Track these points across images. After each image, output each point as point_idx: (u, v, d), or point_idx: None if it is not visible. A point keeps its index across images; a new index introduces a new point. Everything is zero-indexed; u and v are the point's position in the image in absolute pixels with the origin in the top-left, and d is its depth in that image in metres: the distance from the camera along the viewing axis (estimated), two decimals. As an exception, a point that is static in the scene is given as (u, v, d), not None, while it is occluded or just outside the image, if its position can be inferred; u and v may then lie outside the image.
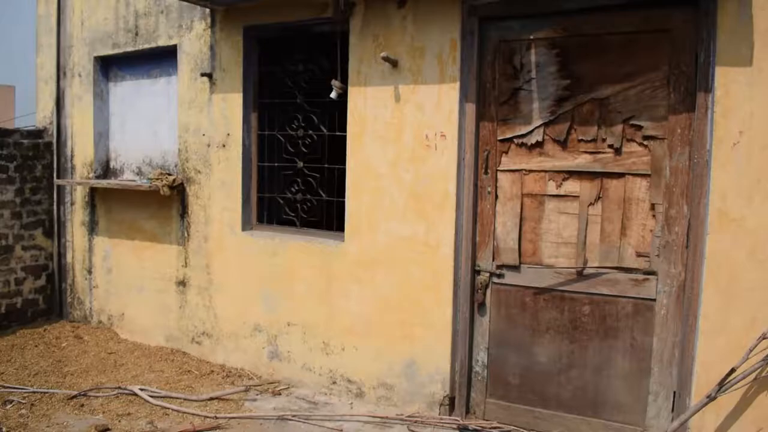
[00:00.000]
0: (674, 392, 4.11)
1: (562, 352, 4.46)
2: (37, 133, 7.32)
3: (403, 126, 4.83)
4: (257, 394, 5.33)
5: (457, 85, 4.59)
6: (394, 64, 4.83)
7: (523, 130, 4.48)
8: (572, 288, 4.40)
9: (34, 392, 5.30)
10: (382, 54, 4.77)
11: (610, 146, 4.21)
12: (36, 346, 6.52)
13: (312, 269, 5.34)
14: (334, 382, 5.30)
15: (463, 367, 4.76)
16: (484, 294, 4.69)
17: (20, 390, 5.33)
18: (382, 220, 4.96)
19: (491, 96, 4.58)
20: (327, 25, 5.24)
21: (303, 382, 5.46)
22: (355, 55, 5.04)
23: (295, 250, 5.43)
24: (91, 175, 6.92)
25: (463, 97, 4.60)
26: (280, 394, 5.36)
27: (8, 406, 5.06)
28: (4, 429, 4.69)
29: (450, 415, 4.82)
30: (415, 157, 4.78)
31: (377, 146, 4.94)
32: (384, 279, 4.98)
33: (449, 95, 4.63)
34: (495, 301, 4.67)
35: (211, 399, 5.16)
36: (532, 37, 4.40)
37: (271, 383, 5.54)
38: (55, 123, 7.27)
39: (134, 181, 6.51)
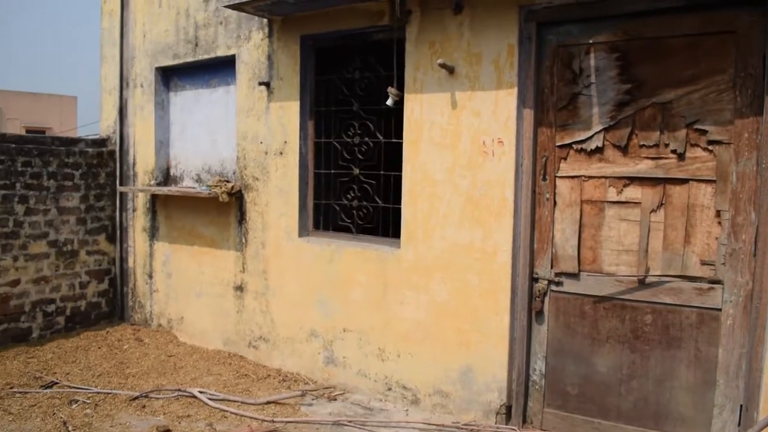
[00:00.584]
0: (741, 405, 3.97)
1: (623, 362, 4.36)
2: (101, 142, 7.58)
3: (459, 132, 4.82)
4: (313, 399, 5.38)
5: (515, 90, 4.56)
6: (450, 70, 4.83)
7: (583, 135, 4.42)
8: (633, 297, 4.30)
9: (98, 392, 5.46)
10: (439, 61, 4.78)
11: (673, 151, 4.12)
12: (99, 348, 6.72)
13: (368, 275, 5.37)
14: (390, 389, 5.30)
15: (520, 376, 4.71)
16: (542, 302, 4.63)
17: (85, 390, 5.50)
18: (438, 227, 4.96)
19: (549, 101, 4.53)
20: (383, 32, 5.29)
21: (358, 387, 5.49)
22: (412, 62, 5.06)
23: (351, 256, 5.47)
24: (152, 182, 7.12)
25: (521, 103, 4.57)
26: (335, 399, 5.39)
27: (74, 406, 5.23)
28: (70, 428, 4.85)
29: (507, 425, 4.77)
30: (472, 164, 4.76)
31: (434, 153, 4.95)
32: (440, 286, 4.97)
33: (506, 101, 4.60)
34: (553, 310, 4.61)
35: (268, 403, 5.23)
36: (591, 41, 4.34)
37: (327, 388, 5.58)
38: (118, 132, 7.51)
39: (194, 188, 6.66)
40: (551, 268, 4.58)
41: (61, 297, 7.14)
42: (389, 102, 5.14)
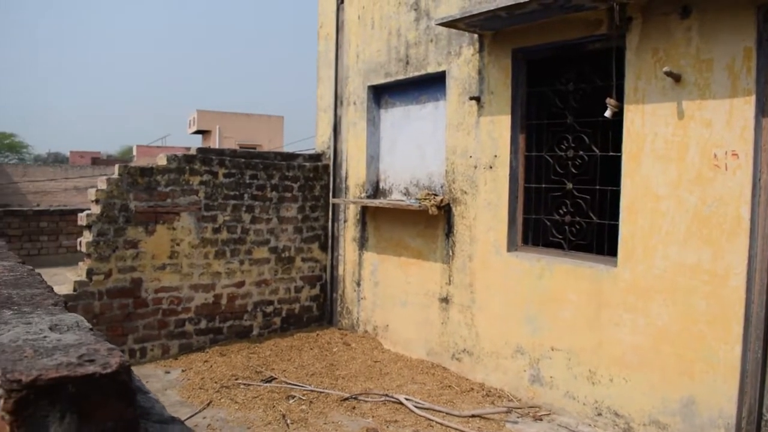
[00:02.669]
0: None
1: None
2: (316, 157, 8.11)
3: (686, 144, 4.49)
4: (518, 417, 5.28)
5: (753, 98, 4.16)
6: (676, 78, 4.53)
7: (840, 147, 3.92)
8: None
9: (312, 390, 5.80)
10: (664, 69, 4.50)
11: None
12: (311, 349, 7.15)
13: (579, 294, 5.18)
14: (600, 414, 5.05)
15: (752, 414, 4.25)
16: (784, 332, 4.16)
17: (300, 387, 5.86)
18: (659, 245, 4.65)
19: (797, 110, 4.08)
20: (600, 42, 5.10)
21: (565, 410, 5.29)
22: (632, 71, 4.82)
23: (562, 273, 5.31)
24: (362, 194, 7.46)
25: (760, 112, 4.16)
26: (541, 419, 5.25)
27: (291, 401, 5.59)
28: (288, 421, 5.20)
29: (738, 465, 4.33)
30: (701, 178, 4.41)
31: (656, 166, 4.66)
32: (661, 309, 4.66)
33: (742, 109, 4.21)
34: (798, 342, 4.11)
35: (473, 416, 5.22)
36: None
37: (532, 407, 5.46)
38: (332, 147, 7.98)
39: (403, 200, 6.88)
40: (796, 295, 4.10)
41: (278, 299, 7.72)
42: (607, 113, 4.94)
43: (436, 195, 6.38)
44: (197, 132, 37.08)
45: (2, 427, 0.78)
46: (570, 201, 5.49)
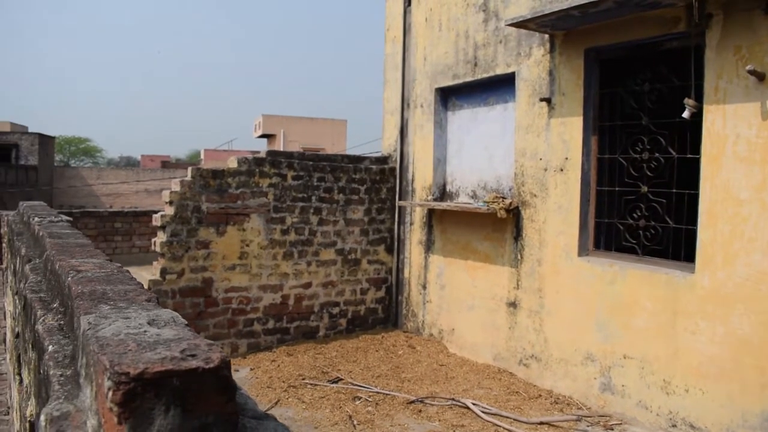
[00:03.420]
0: None
1: None
2: (383, 160, 8.13)
3: (772, 146, 4.29)
4: (588, 426, 5.15)
5: None
6: (760, 77, 4.33)
7: None
8: None
9: (377, 392, 5.81)
10: (747, 67, 4.32)
11: None
12: (376, 350, 7.17)
13: (654, 301, 5.01)
14: (674, 425, 4.88)
15: (842, 430, 4.02)
16: None
17: (366, 389, 5.88)
18: (742, 252, 4.45)
19: None
20: (677, 40, 4.94)
21: (637, 420, 5.13)
22: (712, 70, 4.64)
23: (636, 279, 5.15)
24: (429, 197, 7.44)
25: None
26: (612, 429, 5.11)
27: (357, 402, 5.62)
28: (355, 422, 5.22)
29: (827, 484, 4.10)
30: (788, 182, 4.21)
31: (738, 169, 4.47)
32: (741, 318, 4.46)
33: (834, 110, 4.00)
34: None
35: (542, 423, 5.12)
36: None
37: (602, 416, 5.31)
38: (398, 150, 8.00)
39: (470, 203, 6.83)
40: None
41: (344, 301, 7.78)
42: (685, 114, 4.77)
43: (504, 198, 6.30)
44: (262, 136, 37.84)
45: (110, 418, 0.80)
46: (644, 205, 5.33)
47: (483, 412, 5.31)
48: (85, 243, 2.43)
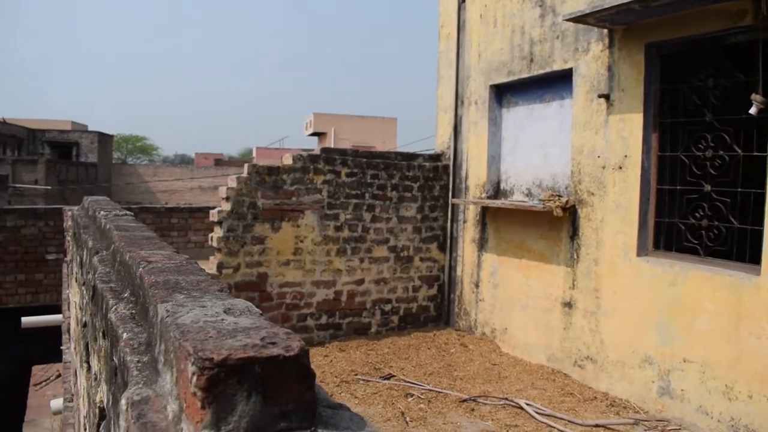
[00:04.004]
0: None
1: None
2: (436, 157, 8.11)
3: None
4: (645, 430, 5.03)
5: None
6: (834, 72, 4.15)
7: None
8: None
9: (430, 390, 5.80)
10: (821, 62, 4.14)
11: None
12: (428, 348, 7.16)
13: (716, 303, 4.86)
14: (737, 432, 4.72)
15: None
16: None
17: (418, 386, 5.88)
18: (812, 253, 4.28)
19: None
20: (742, 34, 4.76)
21: (697, 425, 4.98)
22: (782, 65, 4.47)
23: (698, 280, 5.00)
24: (483, 195, 7.39)
25: None
26: (670, 434, 4.98)
27: (409, 399, 5.62)
28: (407, 419, 5.22)
29: None
30: None
31: (809, 167, 4.29)
32: (812, 322, 4.29)
33: None
34: None
35: (597, 426, 5.03)
36: None
37: (660, 421, 5.18)
38: (452, 147, 7.96)
39: (525, 201, 6.74)
40: None
41: (396, 298, 7.79)
42: (752, 111, 4.60)
43: (560, 196, 6.20)
44: (313, 134, 38.23)
45: (193, 403, 0.81)
46: (707, 204, 5.16)
47: (537, 412, 5.24)
48: (151, 235, 2.49)
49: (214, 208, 6.99)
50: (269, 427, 0.81)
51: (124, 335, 1.36)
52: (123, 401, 1.04)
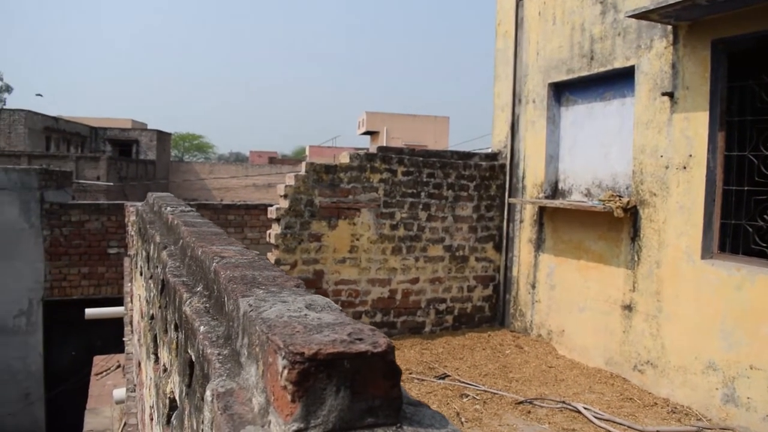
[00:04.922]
0: None
1: None
2: (493, 156, 8.04)
3: None
4: (709, 438, 4.89)
5: None
6: None
7: None
8: None
9: (485, 391, 5.76)
10: None
11: None
12: (483, 349, 7.11)
13: (787, 308, 4.69)
14: (807, 443, 4.54)
15: None
16: None
17: (473, 387, 5.85)
18: None
19: None
20: (817, 30, 4.58)
21: (763, 434, 4.82)
22: None
23: (766, 284, 4.83)
24: (540, 195, 7.29)
25: None
26: (736, 442, 4.83)
27: (464, 400, 5.60)
28: (462, 420, 5.20)
29: None
30: None
31: None
32: None
33: None
34: None
35: (658, 432, 4.92)
36: None
37: (724, 429, 5.03)
38: (509, 146, 7.88)
39: (584, 202, 6.63)
40: None
41: (450, 298, 7.76)
42: (827, 109, 4.42)
43: (620, 196, 6.07)
44: (366, 133, 38.41)
45: (282, 396, 0.83)
46: (777, 205, 4.99)
47: (595, 417, 5.15)
48: (218, 231, 2.55)
49: (269, 205, 7.10)
50: (356, 422, 0.82)
51: (202, 328, 1.39)
52: (208, 393, 1.07)
